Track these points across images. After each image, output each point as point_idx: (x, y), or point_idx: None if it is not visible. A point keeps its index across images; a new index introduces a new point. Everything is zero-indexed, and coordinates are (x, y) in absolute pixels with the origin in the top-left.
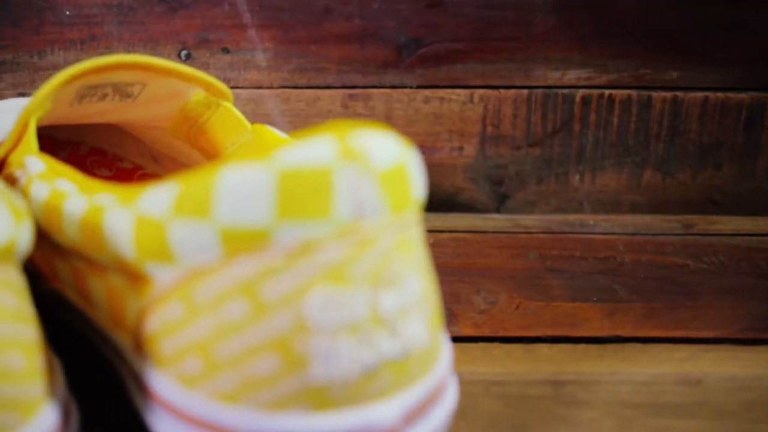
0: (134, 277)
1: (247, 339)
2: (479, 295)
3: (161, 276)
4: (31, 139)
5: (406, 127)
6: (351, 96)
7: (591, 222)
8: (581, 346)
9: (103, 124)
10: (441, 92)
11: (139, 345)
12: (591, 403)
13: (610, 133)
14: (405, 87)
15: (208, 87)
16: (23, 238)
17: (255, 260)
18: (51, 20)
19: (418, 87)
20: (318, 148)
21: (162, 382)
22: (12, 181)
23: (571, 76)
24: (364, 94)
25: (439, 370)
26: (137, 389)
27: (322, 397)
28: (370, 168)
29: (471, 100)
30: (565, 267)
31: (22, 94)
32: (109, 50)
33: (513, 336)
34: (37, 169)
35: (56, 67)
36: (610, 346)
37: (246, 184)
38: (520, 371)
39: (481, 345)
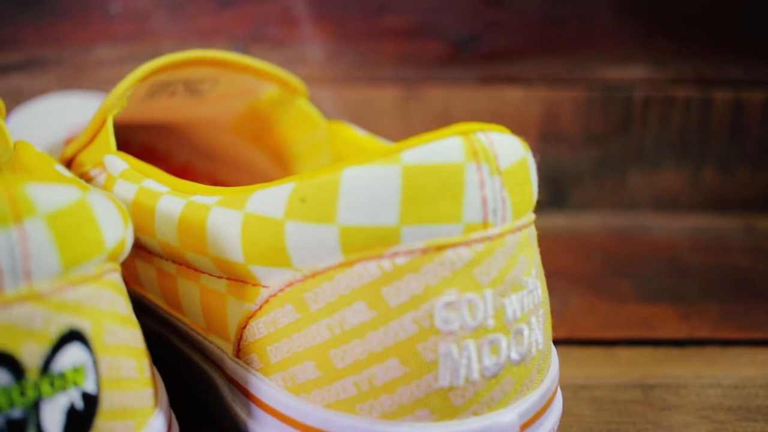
0: (239, 280)
1: (368, 344)
2: (552, 296)
3: (271, 279)
4: (110, 137)
5: (462, 121)
6: (407, 91)
7: (651, 222)
8: (661, 349)
9: (155, 121)
10: (499, 89)
11: (242, 350)
12: (682, 408)
13: (670, 132)
14: (462, 83)
15: (283, 83)
16: (130, 239)
17: (378, 263)
18: (98, 15)
19: (476, 83)
20: (446, 148)
21: (268, 388)
22: (86, 180)
23: (632, 73)
24: (421, 90)
25: (551, 375)
26: (236, 396)
27: (443, 404)
28: (497, 168)
29: (529, 96)
30: (630, 267)
31: (66, 90)
32: (157, 46)
33: (590, 338)
34: (120, 168)
35: (102, 63)
36: (689, 349)
37: (371, 185)
38: (605, 375)
39: (559, 348)
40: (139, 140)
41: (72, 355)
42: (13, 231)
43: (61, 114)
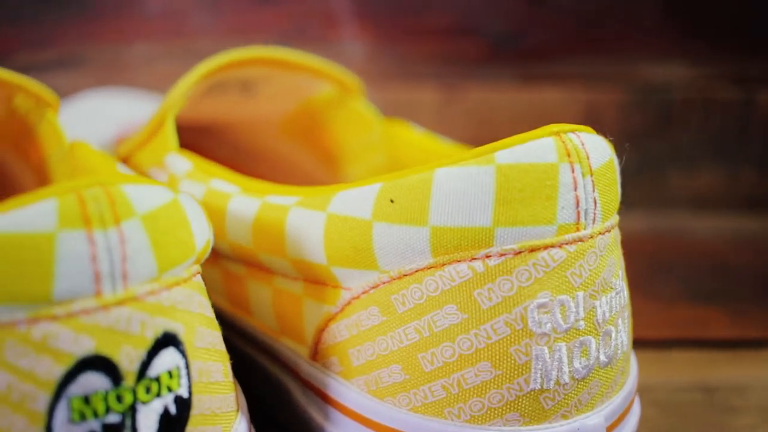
0: (317, 282)
1: (458, 347)
2: None
3: (353, 281)
4: (171, 136)
5: (502, 123)
6: (446, 91)
7: (691, 222)
8: (714, 350)
9: (200, 122)
10: (538, 89)
11: (319, 353)
12: (746, 410)
13: (709, 132)
14: (502, 83)
15: (338, 82)
16: (212, 240)
17: (470, 264)
18: (135, 13)
19: (516, 83)
20: (539, 148)
21: (349, 392)
22: None
23: (672, 73)
24: (460, 90)
25: (632, 377)
26: (311, 399)
27: (533, 407)
28: (589, 169)
29: (568, 97)
30: (674, 268)
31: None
32: (196, 44)
33: (642, 339)
34: (183, 168)
35: (139, 61)
36: (743, 350)
37: (464, 185)
38: (662, 376)
39: None
40: (180, 140)
41: (167, 360)
42: (112, 233)
43: (106, 113)
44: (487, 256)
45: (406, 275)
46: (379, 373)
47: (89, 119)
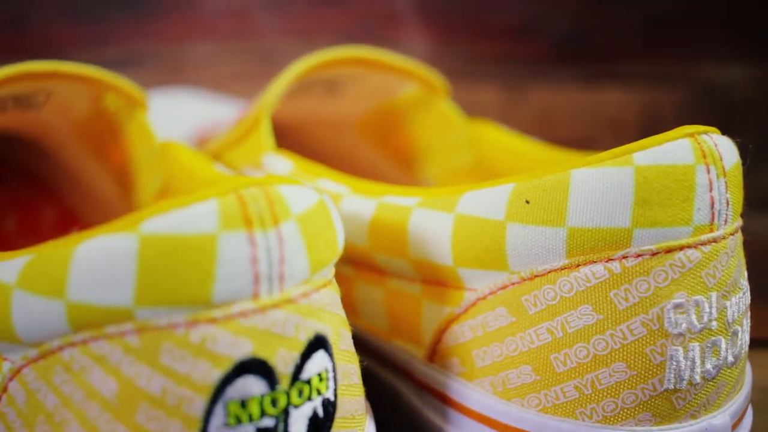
0: (439, 282)
1: (593, 347)
2: None
3: (479, 282)
4: (268, 136)
5: (564, 124)
6: (510, 90)
7: (754, 223)
8: None
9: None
10: (600, 89)
11: (438, 354)
12: None
13: None
14: (564, 83)
15: (422, 82)
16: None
17: (606, 265)
18: (197, 11)
19: (578, 83)
20: (677, 149)
21: (473, 393)
22: None
23: (735, 73)
24: (523, 90)
25: (749, 375)
26: (428, 401)
27: (665, 407)
28: (723, 170)
29: (630, 97)
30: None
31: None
32: (258, 43)
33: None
34: (284, 168)
35: (199, 60)
36: None
37: (603, 186)
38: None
39: None
40: None
41: (317, 362)
42: (271, 234)
43: (179, 112)
44: (624, 257)
45: (537, 276)
46: (507, 374)
47: (161, 118)
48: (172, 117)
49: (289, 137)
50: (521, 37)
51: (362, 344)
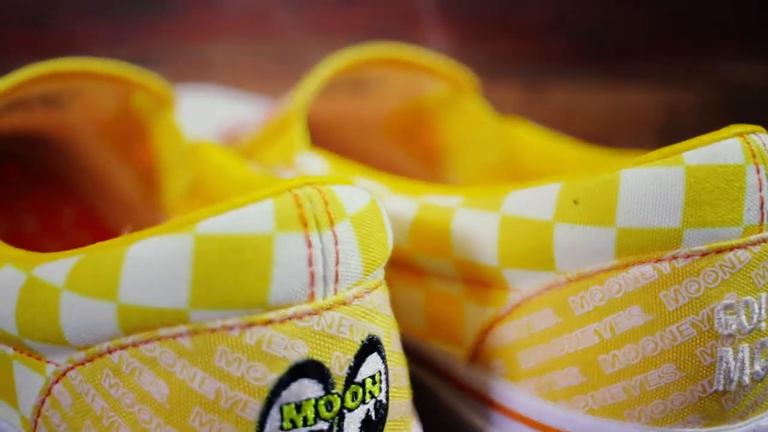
0: (482, 283)
1: (642, 349)
2: None
3: (524, 282)
4: (301, 135)
5: (585, 123)
6: (529, 88)
7: None
8: None
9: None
10: (620, 89)
11: (480, 356)
12: None
13: None
14: (586, 81)
15: (452, 80)
16: None
17: (655, 266)
18: (216, 10)
19: (598, 83)
20: (727, 149)
21: (517, 395)
22: None
23: (753, 73)
24: (542, 90)
25: None
26: (469, 402)
27: (715, 409)
28: None
29: (650, 98)
30: None
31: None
32: (277, 42)
33: None
34: (318, 167)
35: (218, 59)
36: None
37: (653, 186)
38: None
39: None
40: None
41: (371, 365)
42: (327, 235)
43: (202, 112)
44: (674, 258)
45: (585, 277)
46: (553, 376)
47: (185, 117)
48: (196, 116)
49: (314, 137)
50: (541, 36)
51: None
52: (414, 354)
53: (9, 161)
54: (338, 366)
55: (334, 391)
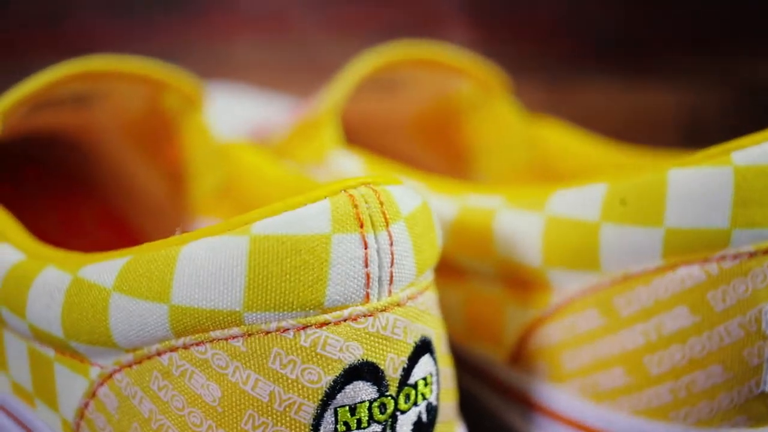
0: (524, 284)
1: (689, 350)
2: None
3: (569, 283)
4: (335, 134)
5: (608, 123)
6: (550, 86)
7: None
8: None
9: None
10: (643, 87)
11: (522, 357)
12: None
13: None
14: (608, 82)
15: (480, 80)
16: None
17: (703, 266)
18: (236, 9)
19: (621, 82)
20: None
21: (561, 396)
22: None
23: None
24: (563, 89)
25: None
26: (510, 405)
27: (760, 409)
28: None
29: (672, 97)
30: None
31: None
32: (298, 41)
33: None
34: (352, 166)
35: (239, 58)
36: None
37: (701, 186)
38: None
39: None
40: None
41: (423, 366)
42: (382, 235)
43: (229, 110)
44: (722, 258)
45: (631, 277)
46: (597, 377)
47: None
48: (223, 114)
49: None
50: (563, 35)
51: None
52: (453, 356)
53: (33, 161)
54: (392, 368)
55: (387, 393)
